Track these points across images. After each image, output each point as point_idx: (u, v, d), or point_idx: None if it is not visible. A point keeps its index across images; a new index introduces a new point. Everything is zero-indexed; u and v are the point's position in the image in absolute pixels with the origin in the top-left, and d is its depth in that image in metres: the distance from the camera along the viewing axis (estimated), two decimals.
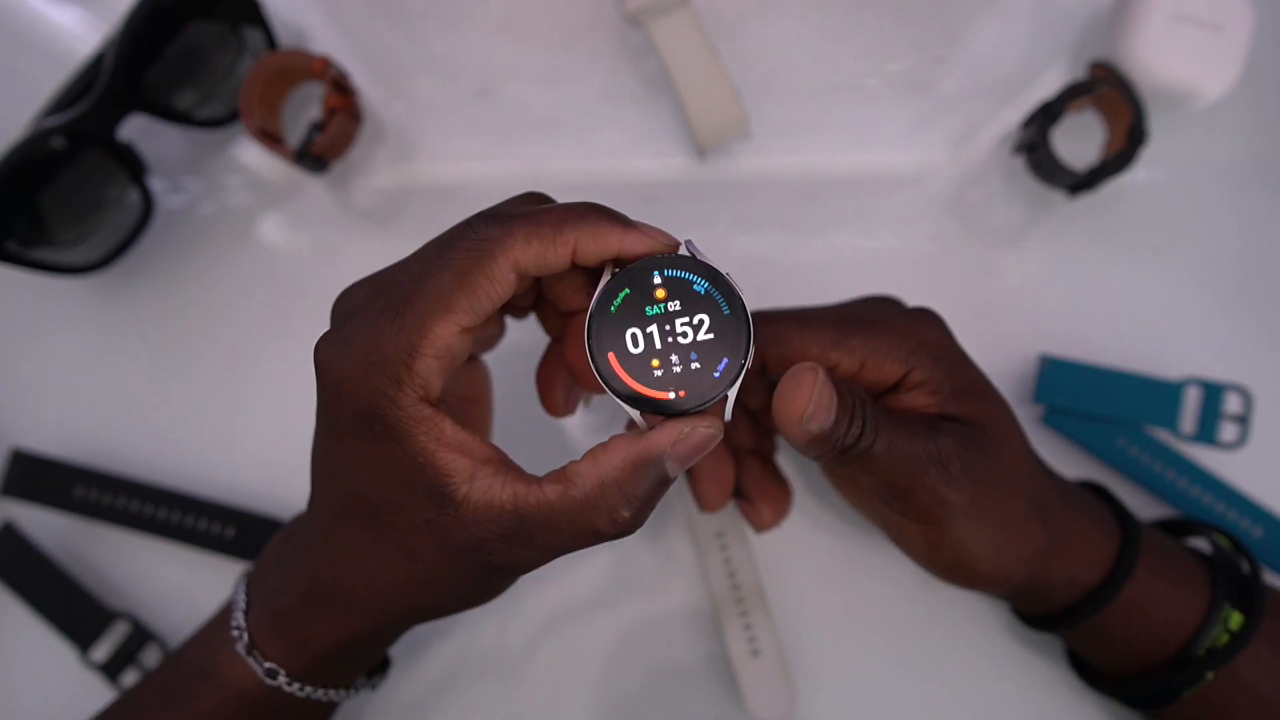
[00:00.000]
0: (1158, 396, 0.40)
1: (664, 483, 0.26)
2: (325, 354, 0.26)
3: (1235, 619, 0.33)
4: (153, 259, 0.44)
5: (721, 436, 0.26)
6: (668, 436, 0.25)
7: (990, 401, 0.31)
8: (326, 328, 0.27)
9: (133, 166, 0.42)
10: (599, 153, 0.45)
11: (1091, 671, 0.37)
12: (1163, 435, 0.41)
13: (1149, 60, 0.40)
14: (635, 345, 0.25)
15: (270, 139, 0.42)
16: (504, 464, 0.26)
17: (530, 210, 0.26)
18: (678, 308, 0.25)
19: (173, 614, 0.41)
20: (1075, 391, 0.40)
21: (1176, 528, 0.37)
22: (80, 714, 0.39)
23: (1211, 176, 0.44)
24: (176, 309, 0.44)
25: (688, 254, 0.26)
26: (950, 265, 0.43)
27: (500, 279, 0.25)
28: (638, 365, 0.25)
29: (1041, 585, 0.33)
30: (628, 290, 0.25)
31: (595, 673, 0.41)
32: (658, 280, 0.25)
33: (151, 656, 0.40)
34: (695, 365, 0.25)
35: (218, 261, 0.44)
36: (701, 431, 0.25)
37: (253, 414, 0.43)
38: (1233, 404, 0.41)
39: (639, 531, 0.30)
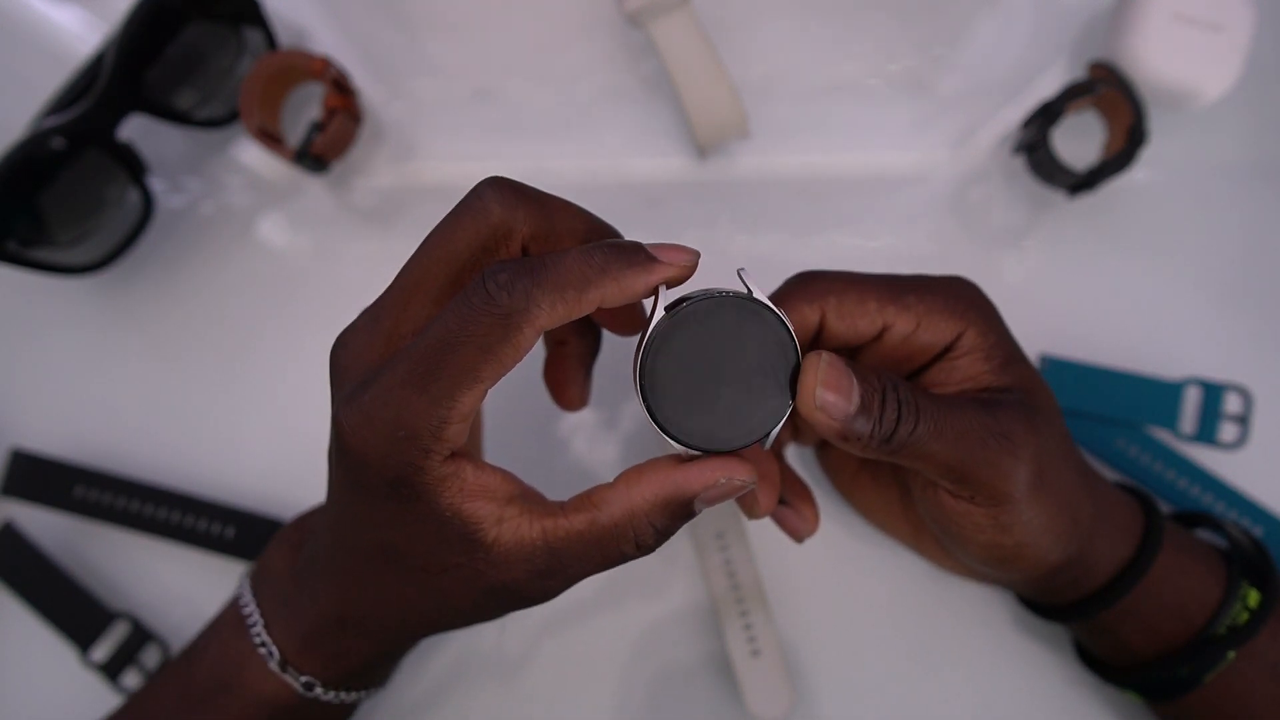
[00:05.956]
0: (1158, 396, 0.40)
1: (689, 517, 0.26)
2: (349, 424, 0.25)
3: (1253, 596, 0.33)
4: (153, 259, 0.44)
5: (754, 485, 0.26)
6: (704, 481, 0.26)
7: (1031, 368, 0.31)
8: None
9: (133, 166, 0.42)
10: (599, 153, 0.45)
11: (1102, 665, 0.37)
12: (1163, 435, 0.41)
13: (1149, 60, 0.40)
14: (683, 384, 0.25)
15: (270, 139, 0.42)
16: (526, 497, 0.27)
17: (551, 267, 0.24)
18: (729, 348, 0.25)
19: (173, 614, 0.41)
20: (1075, 391, 0.41)
21: (1181, 522, 0.37)
22: (80, 714, 0.39)
23: (1211, 176, 0.44)
24: (176, 309, 0.44)
25: (740, 286, 0.26)
26: (950, 265, 0.43)
27: (525, 345, 0.24)
28: (684, 404, 0.25)
29: (1086, 560, 0.32)
30: (679, 327, 0.25)
31: (595, 673, 0.41)
32: (709, 319, 0.25)
33: (151, 656, 0.40)
34: (739, 404, 0.25)
35: (218, 261, 0.44)
36: (736, 483, 0.26)
37: (253, 414, 0.43)
38: (1233, 404, 0.41)
39: None
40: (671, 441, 0.26)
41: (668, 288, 0.26)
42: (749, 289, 0.26)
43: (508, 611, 0.28)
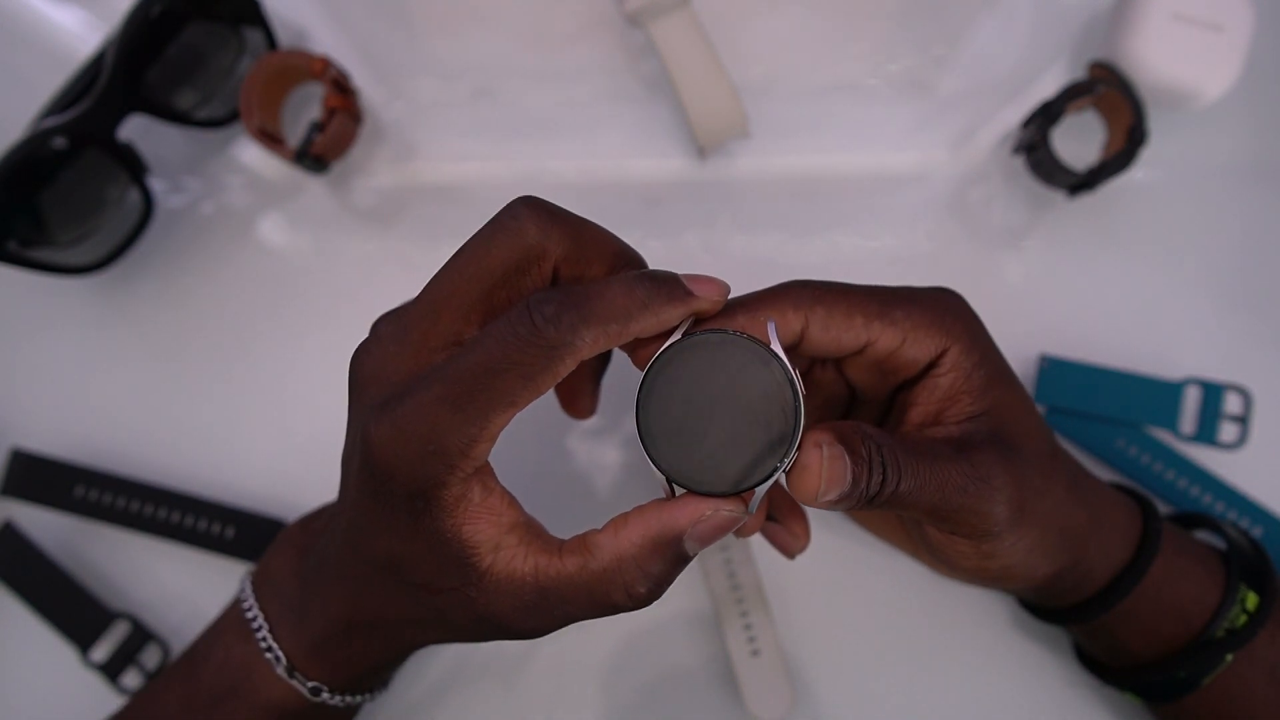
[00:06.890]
0: (1158, 396, 0.40)
1: (682, 560, 0.26)
2: (379, 436, 0.25)
3: (1251, 599, 0.33)
4: (153, 259, 0.44)
5: (744, 520, 0.26)
6: (689, 516, 0.25)
7: (1014, 385, 0.31)
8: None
9: (133, 166, 0.42)
10: (599, 153, 0.45)
11: (1101, 666, 0.37)
12: (1163, 435, 0.41)
13: (1149, 60, 0.40)
14: (681, 417, 0.25)
15: (270, 139, 0.42)
16: (527, 528, 0.27)
17: (596, 300, 0.25)
18: (733, 391, 0.25)
19: (173, 614, 0.41)
20: (1075, 391, 0.41)
21: (1180, 523, 0.37)
22: (80, 714, 0.39)
23: (1211, 176, 0.44)
24: (177, 309, 0.44)
25: (765, 337, 0.25)
26: (950, 265, 0.43)
27: (564, 374, 0.25)
28: (679, 439, 0.25)
29: (1082, 566, 0.32)
30: (687, 362, 0.25)
31: (595, 673, 0.41)
32: (719, 358, 0.25)
33: (152, 657, 0.40)
34: (733, 453, 0.25)
35: (218, 261, 0.44)
36: (724, 515, 0.25)
37: (253, 414, 0.43)
38: (1233, 404, 0.41)
39: None
40: (657, 473, 0.25)
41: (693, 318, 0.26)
42: (769, 339, 0.25)
43: (498, 639, 0.28)
